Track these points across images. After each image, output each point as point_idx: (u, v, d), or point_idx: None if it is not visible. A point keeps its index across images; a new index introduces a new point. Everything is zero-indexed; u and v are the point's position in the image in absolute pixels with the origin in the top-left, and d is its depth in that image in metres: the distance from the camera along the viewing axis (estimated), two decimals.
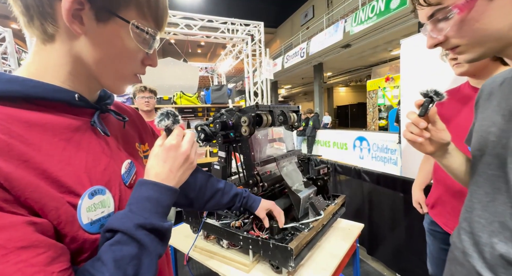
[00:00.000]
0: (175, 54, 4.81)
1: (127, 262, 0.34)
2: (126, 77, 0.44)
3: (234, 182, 1.05)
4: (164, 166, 0.42)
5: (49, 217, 0.31)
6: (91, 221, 0.36)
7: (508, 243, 0.45)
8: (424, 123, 0.51)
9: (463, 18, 0.42)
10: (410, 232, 1.69)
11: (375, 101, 8.75)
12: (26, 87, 0.34)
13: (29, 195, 0.29)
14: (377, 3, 6.25)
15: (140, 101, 1.96)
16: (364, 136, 5.66)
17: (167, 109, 0.47)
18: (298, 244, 0.80)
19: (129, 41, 0.39)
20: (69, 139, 0.37)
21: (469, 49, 0.46)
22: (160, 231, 0.38)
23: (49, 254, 0.29)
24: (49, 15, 0.35)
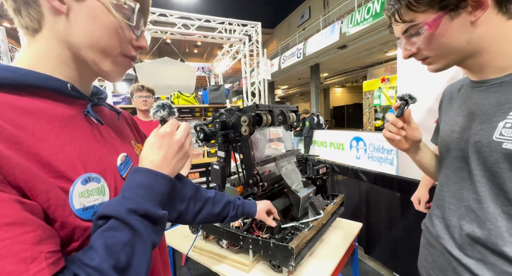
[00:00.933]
0: (172, 54, 4.78)
1: (120, 248, 0.32)
2: (116, 59, 0.43)
3: (234, 181, 1.04)
4: (159, 153, 0.42)
5: (38, 199, 0.31)
6: (84, 207, 0.36)
7: (472, 223, 0.53)
8: (401, 123, 0.61)
9: (432, 33, 0.51)
10: (407, 231, 1.71)
11: (371, 102, 8.83)
12: (18, 75, 0.35)
13: (18, 175, 0.29)
14: (373, 5, 6.31)
15: (137, 100, 1.95)
16: (361, 136, 5.71)
17: (162, 101, 0.48)
18: (298, 243, 0.81)
19: (109, 15, 0.39)
20: (63, 127, 0.37)
21: (436, 61, 0.55)
22: (154, 218, 0.37)
23: (38, 234, 0.28)
24: (32, 0, 0.36)
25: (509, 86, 0.49)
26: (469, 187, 0.55)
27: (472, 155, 0.53)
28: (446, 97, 0.70)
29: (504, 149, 0.47)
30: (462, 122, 0.57)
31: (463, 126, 0.57)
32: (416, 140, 0.65)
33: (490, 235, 0.50)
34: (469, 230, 0.54)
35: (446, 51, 0.52)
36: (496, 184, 0.49)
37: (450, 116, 0.63)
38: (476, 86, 0.56)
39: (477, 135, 0.53)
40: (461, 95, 0.62)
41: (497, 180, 0.49)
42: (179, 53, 4.98)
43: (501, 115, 0.49)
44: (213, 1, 14.60)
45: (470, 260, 0.53)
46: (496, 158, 0.48)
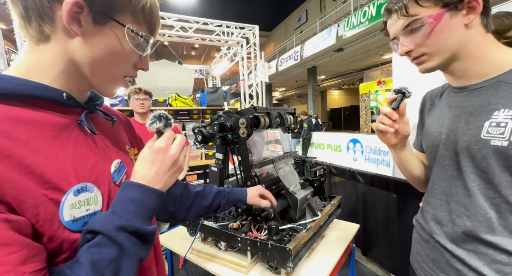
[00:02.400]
0: (170, 57, 4.79)
1: (105, 265, 0.33)
2: (117, 80, 0.45)
3: (232, 183, 1.05)
4: (151, 168, 0.42)
5: (27, 214, 0.31)
6: (74, 218, 0.36)
7: (463, 217, 0.56)
8: (396, 115, 0.62)
9: (433, 28, 0.53)
10: (403, 232, 1.72)
11: (367, 104, 8.91)
12: (13, 85, 0.35)
13: (7, 190, 0.29)
14: (369, 9, 6.41)
15: (135, 103, 1.94)
16: (358, 138, 5.75)
17: (159, 112, 0.47)
18: (296, 245, 0.81)
19: (123, 44, 0.41)
20: (56, 136, 0.37)
21: (430, 58, 0.57)
22: (143, 234, 0.37)
23: (22, 253, 0.28)
24: (48, 16, 0.36)
25: (489, 90, 0.54)
26: (458, 183, 0.58)
27: (461, 153, 0.56)
28: (428, 102, 0.74)
29: (492, 146, 0.51)
30: (448, 124, 0.61)
31: (449, 128, 0.60)
32: (405, 135, 0.67)
33: (481, 226, 0.53)
34: (460, 223, 0.57)
35: (443, 48, 0.55)
36: (486, 179, 0.53)
37: (434, 120, 0.67)
38: (458, 92, 0.61)
39: (465, 135, 0.56)
40: (444, 100, 0.67)
41: (486, 174, 0.53)
42: (177, 56, 4.99)
43: (485, 116, 0.53)
44: (211, 4, 14.68)
45: (463, 252, 0.56)
46: (485, 154, 0.52)
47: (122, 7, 0.39)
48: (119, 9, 0.39)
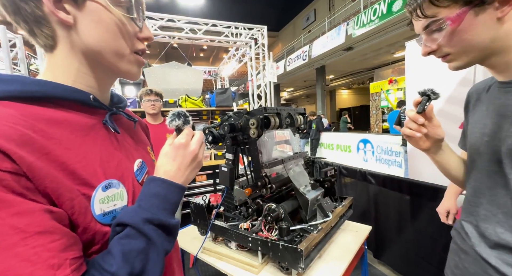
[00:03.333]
0: (179, 58, 4.87)
1: (135, 255, 0.35)
2: (129, 58, 0.44)
3: (242, 183, 1.05)
4: (173, 164, 0.44)
5: (64, 207, 0.33)
6: (103, 212, 0.38)
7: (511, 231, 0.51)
8: (422, 119, 0.57)
9: (454, 29, 0.49)
10: (418, 235, 1.67)
11: (378, 103, 8.73)
12: (48, 88, 0.37)
13: (48, 184, 0.31)
14: (379, 6, 6.27)
15: (146, 104, 1.99)
16: (368, 138, 5.64)
17: (178, 110, 0.49)
18: (307, 246, 0.81)
19: (112, 13, 0.40)
20: (85, 136, 0.40)
21: (456, 58, 0.53)
22: (167, 227, 0.39)
23: (63, 241, 0.30)
24: (41, 18, 0.37)
25: None
26: (505, 192, 0.52)
27: (506, 158, 0.51)
28: (473, 98, 0.66)
29: None
30: (492, 125, 0.56)
31: (493, 129, 0.55)
32: (438, 139, 0.61)
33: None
34: (508, 238, 0.51)
35: (468, 48, 0.51)
36: None
37: (478, 119, 0.61)
38: (503, 87, 0.55)
39: (510, 138, 0.51)
40: (489, 97, 0.60)
41: None
42: (186, 58, 5.07)
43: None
44: (219, 5, 14.82)
45: (509, 268, 0.51)
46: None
47: None
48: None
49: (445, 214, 1.17)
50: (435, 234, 1.53)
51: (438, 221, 1.19)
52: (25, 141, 0.31)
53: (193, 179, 2.81)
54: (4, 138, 0.29)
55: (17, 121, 0.32)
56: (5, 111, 0.32)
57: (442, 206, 1.19)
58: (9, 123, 0.31)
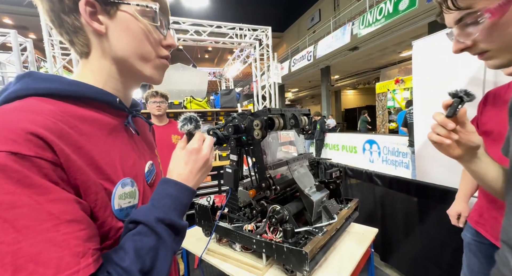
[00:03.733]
0: (184, 60, 4.91)
1: (146, 252, 0.36)
2: (155, 62, 0.47)
3: (246, 185, 1.05)
4: (186, 168, 0.46)
5: (88, 199, 0.35)
6: (120, 207, 0.41)
7: None
8: (452, 125, 0.49)
9: (495, 22, 0.41)
10: (426, 238, 1.64)
11: (384, 103, 8.61)
12: (82, 89, 0.41)
13: (79, 176, 0.34)
14: (385, 5, 6.21)
15: (152, 106, 2.01)
16: (374, 139, 5.57)
17: (190, 114, 0.51)
18: (312, 248, 0.80)
19: (140, 22, 0.43)
20: (109, 134, 0.43)
21: (498, 55, 0.45)
22: (177, 228, 0.41)
23: (88, 232, 0.32)
24: (79, 28, 0.41)
25: None
26: None
27: None
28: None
29: None
30: None
31: None
32: (472, 146, 0.53)
33: None
34: None
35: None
36: None
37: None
38: None
39: None
40: None
41: None
42: (191, 59, 5.11)
43: None
44: (224, 7, 14.92)
45: None
46: None
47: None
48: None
49: (456, 216, 1.14)
50: (444, 237, 1.49)
51: (447, 223, 1.17)
52: (64, 135, 0.34)
53: None
54: (49, 130, 0.32)
55: (57, 117, 0.35)
56: (46, 107, 0.35)
57: (453, 209, 1.16)
58: (51, 118, 0.33)
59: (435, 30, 2.29)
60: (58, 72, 3.16)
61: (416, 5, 5.46)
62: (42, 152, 0.30)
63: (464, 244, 1.10)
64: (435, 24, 5.75)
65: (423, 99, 2.03)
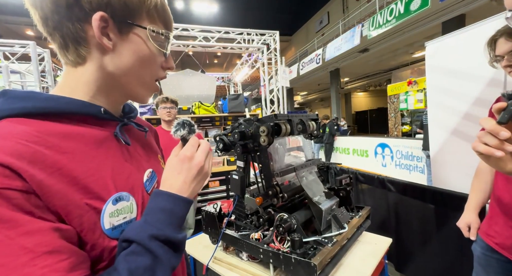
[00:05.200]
0: (193, 65, 5.00)
1: (141, 273, 0.34)
2: (149, 84, 0.47)
3: (253, 192, 1.03)
4: (178, 178, 0.43)
5: (73, 224, 0.33)
6: (113, 226, 0.38)
7: None
8: (507, 134, 0.41)
9: None
10: (444, 248, 1.55)
11: (396, 106, 8.37)
12: (61, 104, 0.38)
13: (57, 201, 0.32)
14: (396, 6, 6.09)
15: (162, 111, 2.04)
16: (386, 143, 5.41)
17: (183, 119, 0.48)
18: (322, 260, 0.76)
19: (149, 46, 0.43)
20: (98, 148, 0.40)
21: None
22: (174, 243, 0.38)
23: (71, 260, 0.30)
24: (82, 39, 0.40)
25: None
26: None
27: None
28: None
29: None
30: None
31: None
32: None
33: None
34: None
35: None
36: None
37: None
38: None
39: None
40: None
41: None
42: (200, 65, 5.19)
43: None
44: (232, 13, 15.15)
45: None
46: None
47: (138, 11, 0.41)
48: (136, 14, 0.41)
49: (467, 228, 1.07)
50: (463, 246, 1.40)
51: None
52: (37, 158, 0.31)
53: (206, 185, 2.81)
54: (16, 156, 0.29)
55: (30, 138, 0.32)
56: (20, 128, 0.33)
57: (462, 220, 1.10)
58: (22, 141, 0.31)
59: (449, 30, 2.21)
60: None
61: (429, 4, 5.32)
62: (9, 182, 0.28)
63: (474, 258, 1.04)
64: (449, 23, 5.57)
65: (437, 101, 1.94)
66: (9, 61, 3.23)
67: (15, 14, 11.49)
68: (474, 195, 1.10)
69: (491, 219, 0.98)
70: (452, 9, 5.34)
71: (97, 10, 0.37)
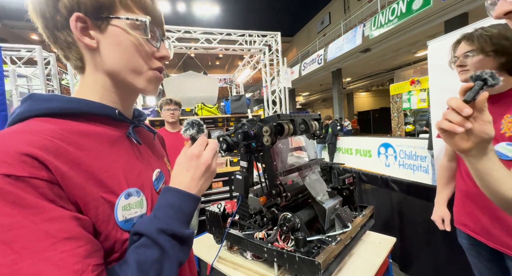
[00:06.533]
0: (195, 67, 5.03)
1: (149, 265, 0.35)
2: (147, 75, 0.46)
3: (257, 191, 1.04)
4: (187, 175, 0.45)
5: (89, 214, 0.35)
6: (125, 219, 0.40)
7: None
8: (469, 110, 0.42)
9: None
10: (450, 247, 1.54)
11: (399, 105, 8.32)
12: (81, 105, 0.42)
13: (77, 192, 0.34)
14: (398, 5, 6.07)
15: (166, 113, 2.06)
16: (390, 142, 5.38)
17: (192, 119, 0.50)
18: (326, 258, 0.77)
19: (130, 36, 0.43)
20: (111, 147, 0.43)
21: None
22: (181, 238, 0.40)
23: (88, 248, 0.32)
24: (71, 44, 0.42)
25: None
26: None
27: None
28: None
29: None
30: None
31: None
32: (485, 138, 0.45)
33: None
34: None
35: None
36: None
37: None
38: None
39: None
40: None
41: None
42: (202, 67, 5.23)
43: None
44: (233, 15, 15.23)
45: None
46: None
47: (111, 3, 0.41)
48: (110, 6, 0.41)
49: (441, 221, 1.17)
50: None
51: None
52: (61, 153, 0.34)
53: (210, 186, 2.83)
54: (44, 149, 0.32)
55: (55, 135, 0.35)
56: (46, 126, 0.36)
57: (435, 214, 1.20)
58: (48, 137, 0.34)
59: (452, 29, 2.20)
60: None
61: (431, 3, 5.30)
62: (36, 172, 0.30)
63: (465, 251, 1.09)
64: (452, 22, 5.54)
65: (440, 100, 1.94)
66: (16, 65, 3.29)
67: (20, 19, 11.69)
68: (441, 189, 1.22)
69: (463, 209, 1.05)
70: (454, 8, 5.32)
71: (72, 12, 0.39)
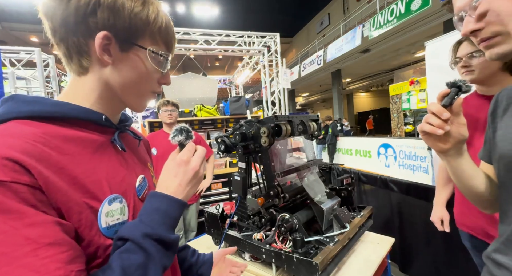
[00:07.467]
0: (195, 69, 5.05)
1: (134, 270, 0.35)
2: (145, 96, 0.49)
3: (255, 192, 1.04)
4: (174, 180, 0.45)
5: (72, 220, 0.35)
6: (108, 225, 0.40)
7: None
8: (448, 114, 0.49)
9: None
10: (449, 248, 1.53)
11: (399, 106, 8.32)
12: (65, 109, 0.41)
13: (60, 198, 0.33)
14: (397, 6, 6.08)
15: (163, 114, 2.07)
16: (389, 143, 5.38)
17: (181, 125, 0.51)
18: (323, 259, 0.77)
19: (147, 64, 0.46)
20: (95, 152, 0.42)
21: (506, 40, 0.44)
22: (167, 242, 0.40)
23: (70, 253, 0.32)
24: (85, 52, 0.42)
25: None
26: None
27: None
28: (503, 102, 0.57)
29: None
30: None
31: None
32: (460, 139, 0.52)
33: None
34: None
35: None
36: None
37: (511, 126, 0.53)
38: None
39: None
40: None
41: None
42: (201, 68, 5.24)
43: None
44: (232, 16, 15.27)
45: None
46: None
47: (141, 32, 0.44)
48: (139, 35, 0.44)
49: (440, 222, 1.16)
50: None
51: None
52: (43, 157, 0.34)
53: (209, 187, 2.80)
54: (26, 153, 0.32)
55: (37, 139, 0.35)
56: (27, 129, 0.35)
57: (435, 215, 1.20)
58: (29, 140, 0.33)
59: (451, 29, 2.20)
60: None
61: (430, 4, 5.31)
62: (18, 176, 0.30)
63: (470, 252, 1.09)
64: (451, 22, 5.55)
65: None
66: (15, 67, 3.30)
67: (19, 21, 11.74)
68: (441, 190, 1.21)
69: (461, 209, 1.07)
70: None
71: (102, 30, 0.40)
